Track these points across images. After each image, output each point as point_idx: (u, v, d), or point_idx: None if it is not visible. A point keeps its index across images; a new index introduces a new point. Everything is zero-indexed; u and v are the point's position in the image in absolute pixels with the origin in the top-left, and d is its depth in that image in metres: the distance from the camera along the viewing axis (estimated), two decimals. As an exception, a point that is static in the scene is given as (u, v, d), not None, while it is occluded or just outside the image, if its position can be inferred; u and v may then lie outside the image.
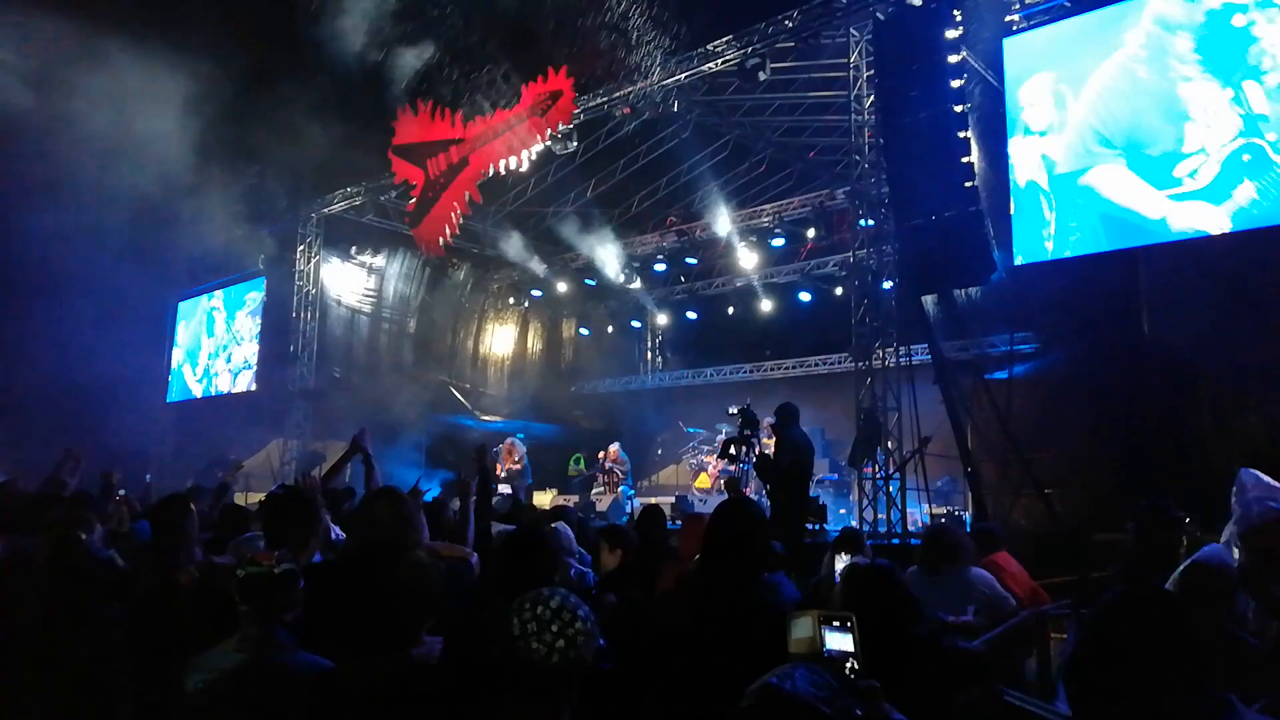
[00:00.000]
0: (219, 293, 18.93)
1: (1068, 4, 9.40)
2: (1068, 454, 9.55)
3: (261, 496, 7.63)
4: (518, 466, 15.70)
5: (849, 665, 1.94)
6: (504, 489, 14.75)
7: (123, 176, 13.51)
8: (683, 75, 11.56)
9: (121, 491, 7.87)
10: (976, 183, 9.13)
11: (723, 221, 15.32)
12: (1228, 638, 2.89)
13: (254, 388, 17.30)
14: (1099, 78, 9.02)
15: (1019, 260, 9.51)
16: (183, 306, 19.82)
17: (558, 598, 1.89)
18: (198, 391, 19.01)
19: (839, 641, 1.97)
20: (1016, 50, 9.72)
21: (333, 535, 4.10)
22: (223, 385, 18.34)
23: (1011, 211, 9.54)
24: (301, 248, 16.56)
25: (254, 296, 17.93)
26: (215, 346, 18.82)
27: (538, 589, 1.93)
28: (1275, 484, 3.64)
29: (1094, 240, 9.06)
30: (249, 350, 17.81)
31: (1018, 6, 9.78)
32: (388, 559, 2.80)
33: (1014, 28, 9.83)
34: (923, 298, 9.99)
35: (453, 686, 2.28)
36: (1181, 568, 3.39)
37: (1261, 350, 8.42)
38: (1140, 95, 8.79)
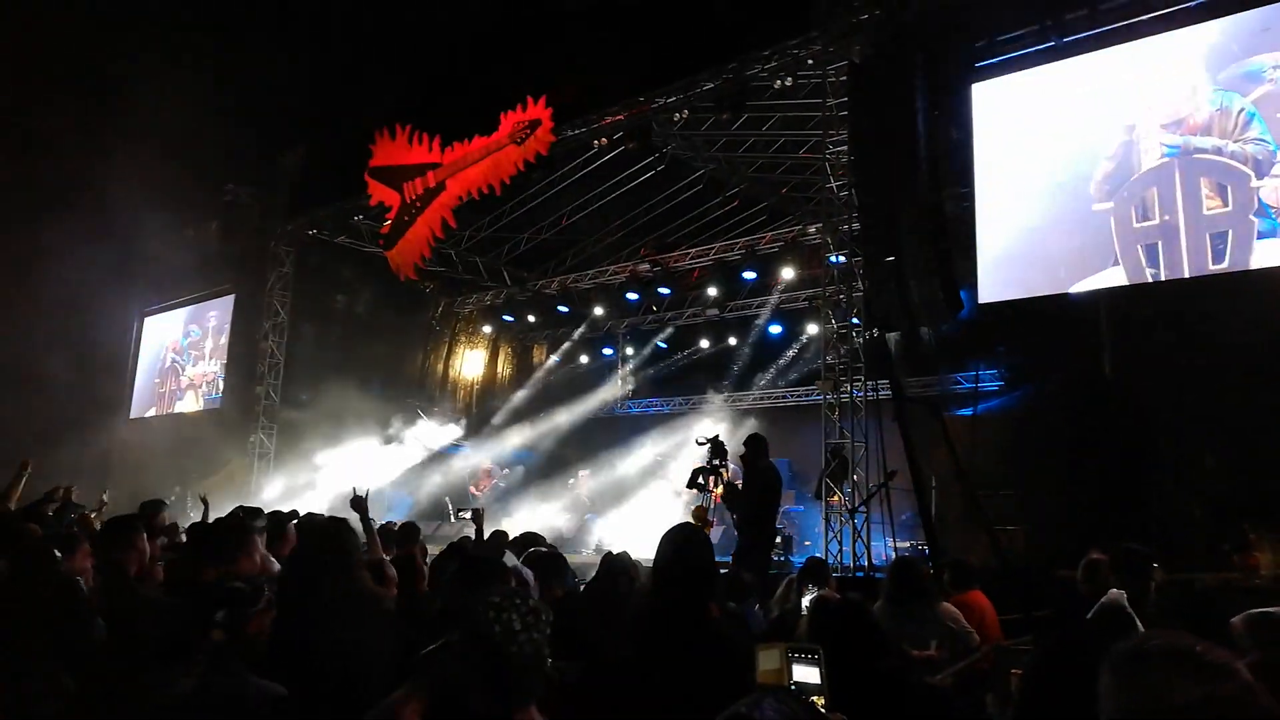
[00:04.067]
0: (186, 309, 18.73)
1: (1032, 53, 9.68)
2: (1030, 491, 9.71)
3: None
4: (491, 489, 15.65)
5: (816, 698, 1.98)
6: (464, 514, 14.62)
7: (92, 190, 13.39)
8: (659, 109, 11.72)
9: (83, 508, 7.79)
10: (944, 223, 9.33)
11: (694, 254, 15.52)
12: None
13: (218, 406, 17.10)
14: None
15: (983, 299, 9.70)
16: (149, 322, 19.57)
17: (530, 600, 2.02)
18: (161, 408, 18.73)
19: (806, 674, 2.00)
20: (985, 94, 9.99)
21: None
22: (186, 403, 18.10)
23: (977, 250, 9.75)
24: (272, 267, 16.43)
25: (221, 314, 17.76)
26: (180, 364, 18.58)
27: (506, 591, 2.02)
28: None
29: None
30: (214, 368, 17.61)
31: (987, 52, 10.05)
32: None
33: (983, 73, 10.10)
34: (887, 335, 10.13)
35: None
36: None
37: (1218, 393, 8.66)
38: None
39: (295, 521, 5.28)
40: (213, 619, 2.54)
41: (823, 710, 1.97)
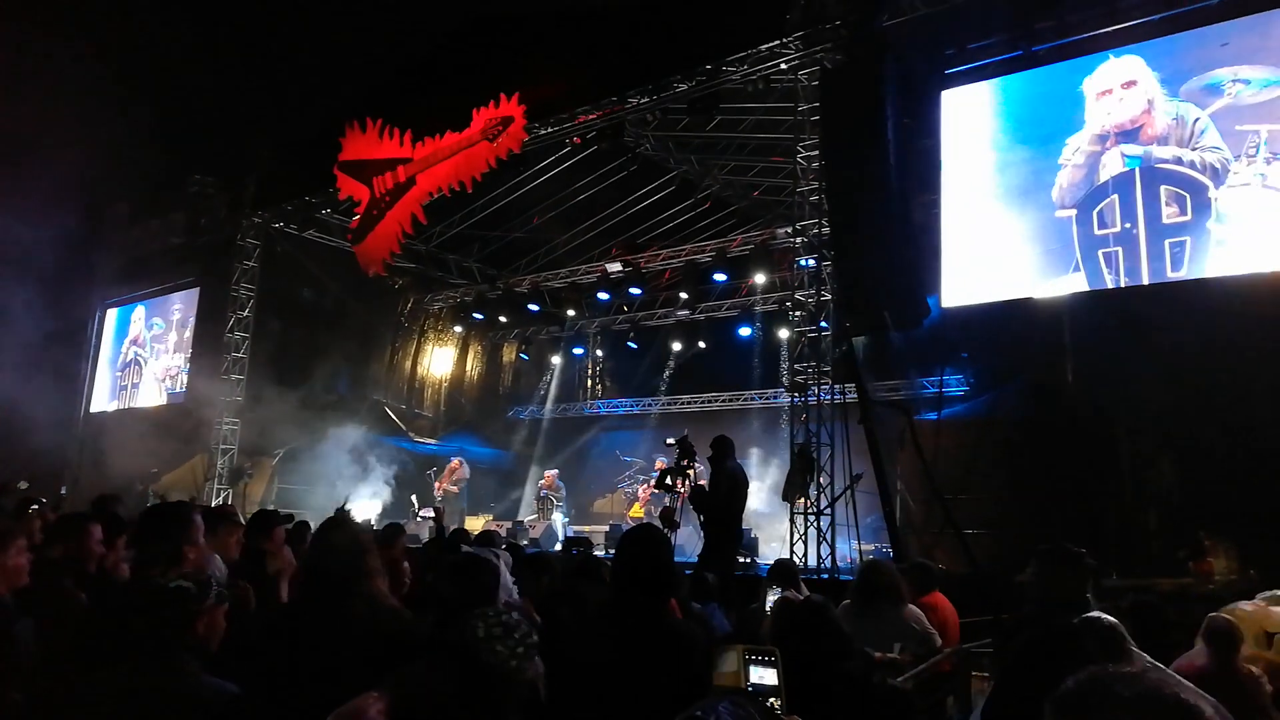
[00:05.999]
0: (149, 302, 18.42)
1: (1000, 61, 9.80)
2: (991, 496, 9.83)
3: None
4: (455, 489, 15.49)
5: (773, 700, 1.98)
6: (425, 512, 14.45)
7: (54, 179, 13.13)
8: (632, 110, 11.71)
9: (37, 503, 7.62)
10: (912, 229, 9.43)
11: (666, 255, 15.55)
12: None
13: (181, 400, 16.84)
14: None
15: (947, 304, 9.81)
16: (110, 314, 19.23)
17: (514, 613, 2.01)
18: (122, 402, 18.42)
19: (763, 676, 2.01)
20: (953, 102, 10.11)
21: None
22: (148, 397, 17.80)
23: (942, 255, 9.86)
24: (238, 260, 16.20)
25: (185, 307, 17.49)
26: (142, 357, 18.28)
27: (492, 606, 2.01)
28: None
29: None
30: (178, 361, 17.34)
31: (956, 60, 10.16)
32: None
33: (952, 81, 10.20)
34: (854, 339, 10.20)
35: None
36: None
37: (1176, 400, 8.82)
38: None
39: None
40: (159, 618, 2.48)
41: (780, 713, 1.98)
